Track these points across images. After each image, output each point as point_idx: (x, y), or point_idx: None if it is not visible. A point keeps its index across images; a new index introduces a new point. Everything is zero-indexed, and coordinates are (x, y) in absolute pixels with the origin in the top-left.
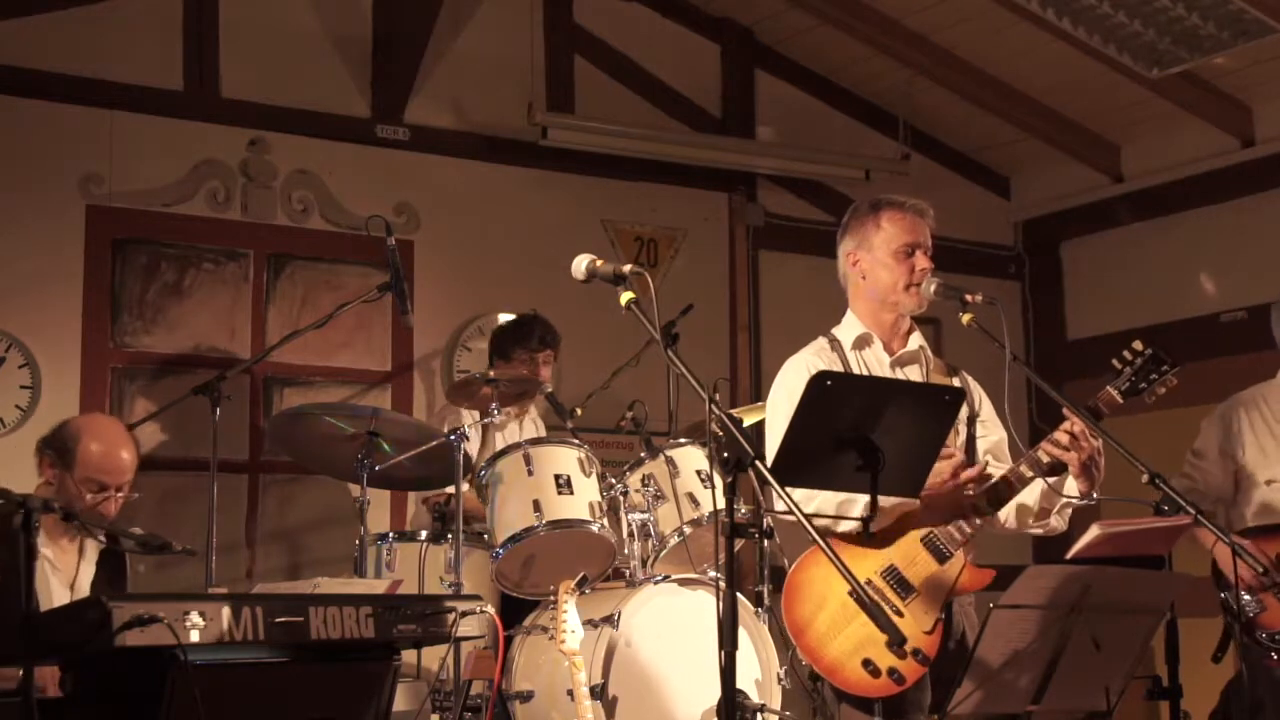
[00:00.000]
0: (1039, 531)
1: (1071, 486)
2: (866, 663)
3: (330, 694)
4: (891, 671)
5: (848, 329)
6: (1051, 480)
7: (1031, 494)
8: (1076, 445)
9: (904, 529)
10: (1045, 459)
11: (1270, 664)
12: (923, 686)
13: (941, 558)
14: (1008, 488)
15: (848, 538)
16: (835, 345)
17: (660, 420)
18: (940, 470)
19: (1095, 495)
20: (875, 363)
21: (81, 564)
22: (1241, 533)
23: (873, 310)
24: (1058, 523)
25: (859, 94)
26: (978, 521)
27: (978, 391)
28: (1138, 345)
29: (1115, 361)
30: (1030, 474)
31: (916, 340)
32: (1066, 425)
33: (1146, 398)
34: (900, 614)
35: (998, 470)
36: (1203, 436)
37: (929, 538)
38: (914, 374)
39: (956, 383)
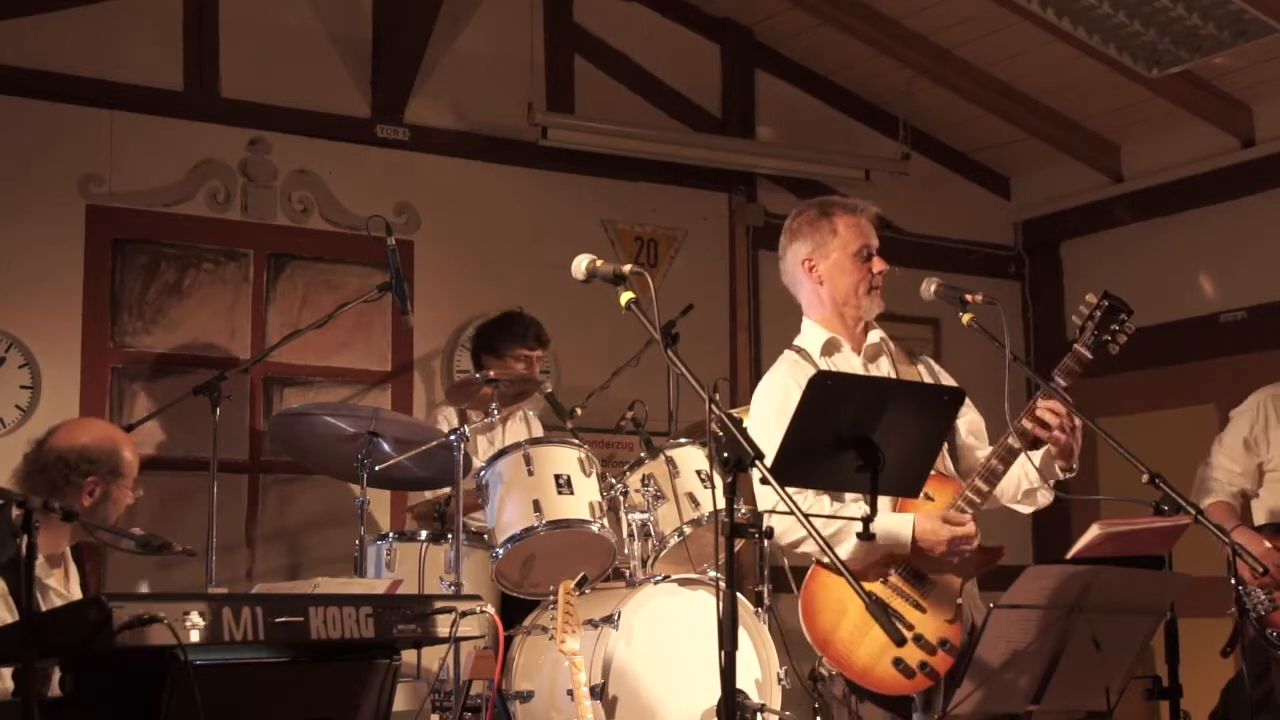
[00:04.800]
0: (1028, 508)
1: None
2: (897, 661)
3: (330, 694)
4: (923, 666)
5: (812, 337)
6: (1037, 454)
7: (1019, 472)
8: (1059, 428)
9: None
10: (1029, 425)
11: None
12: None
13: None
14: (1001, 464)
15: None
16: (804, 356)
17: (660, 420)
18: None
19: (1075, 467)
20: (846, 365)
21: (72, 573)
22: (1259, 528)
23: (831, 316)
24: (1045, 499)
25: (859, 94)
26: (977, 502)
27: (944, 376)
28: (1091, 298)
29: (1074, 317)
30: (1018, 446)
31: (876, 334)
32: (1045, 404)
33: (1111, 349)
34: (922, 609)
35: (982, 450)
36: (1232, 425)
37: None
38: (884, 366)
39: (921, 369)
